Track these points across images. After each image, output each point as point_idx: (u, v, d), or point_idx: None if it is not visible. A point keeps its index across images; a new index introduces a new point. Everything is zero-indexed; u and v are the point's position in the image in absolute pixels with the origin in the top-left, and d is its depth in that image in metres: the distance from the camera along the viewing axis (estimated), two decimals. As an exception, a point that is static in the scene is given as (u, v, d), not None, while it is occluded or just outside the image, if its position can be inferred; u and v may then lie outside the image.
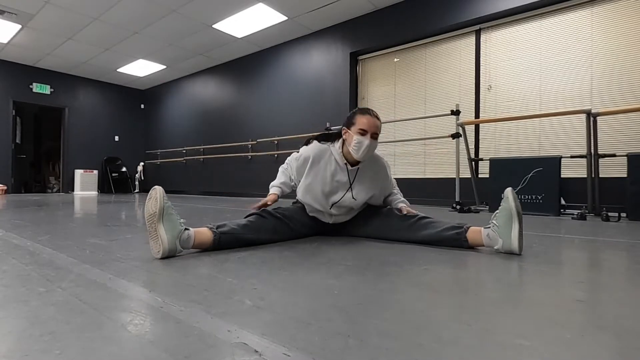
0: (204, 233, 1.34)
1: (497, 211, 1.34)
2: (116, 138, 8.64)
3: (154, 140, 8.79)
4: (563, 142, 3.67)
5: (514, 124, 3.96)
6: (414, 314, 0.73)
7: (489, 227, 1.37)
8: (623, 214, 2.88)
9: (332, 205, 1.64)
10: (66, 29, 5.53)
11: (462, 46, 4.38)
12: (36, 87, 7.39)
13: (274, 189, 1.70)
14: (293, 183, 1.74)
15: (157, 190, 1.24)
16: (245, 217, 1.52)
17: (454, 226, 1.47)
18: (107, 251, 1.36)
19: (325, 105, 5.40)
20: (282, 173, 1.76)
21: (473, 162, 3.85)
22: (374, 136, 1.54)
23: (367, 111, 1.56)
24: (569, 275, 1.06)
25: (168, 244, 1.21)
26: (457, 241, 1.44)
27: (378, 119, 1.57)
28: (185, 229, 1.28)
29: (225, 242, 1.38)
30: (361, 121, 1.53)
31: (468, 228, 1.44)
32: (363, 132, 1.52)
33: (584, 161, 3.40)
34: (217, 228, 1.38)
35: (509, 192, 1.32)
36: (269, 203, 1.62)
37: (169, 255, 1.24)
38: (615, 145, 3.38)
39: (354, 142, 1.52)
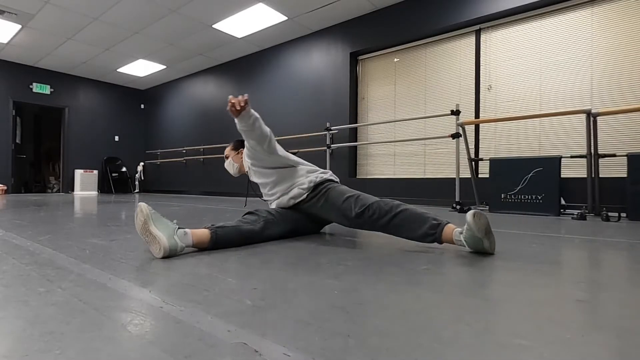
0: (201, 231, 1.36)
1: (464, 231, 1.31)
2: (116, 138, 8.64)
3: (154, 140, 8.79)
4: (563, 142, 3.67)
5: (514, 124, 3.96)
6: (414, 314, 0.73)
7: (460, 236, 1.32)
8: (623, 214, 2.88)
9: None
10: (66, 29, 5.54)
11: (462, 46, 4.38)
12: (36, 87, 7.39)
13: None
14: (268, 138, 1.69)
15: (141, 205, 1.27)
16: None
17: (427, 233, 1.40)
18: (107, 251, 1.36)
19: (325, 105, 5.40)
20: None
21: (473, 162, 3.84)
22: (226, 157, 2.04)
23: None
24: (569, 275, 1.06)
25: (167, 240, 1.23)
26: (431, 242, 1.42)
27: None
28: (179, 227, 1.30)
29: (223, 236, 1.40)
30: None
31: (442, 231, 1.38)
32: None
33: (584, 161, 3.40)
34: (212, 226, 1.42)
35: (471, 221, 1.26)
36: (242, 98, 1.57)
37: (171, 254, 1.24)
38: (615, 145, 3.38)
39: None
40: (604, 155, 3.09)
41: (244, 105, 1.52)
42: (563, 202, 3.20)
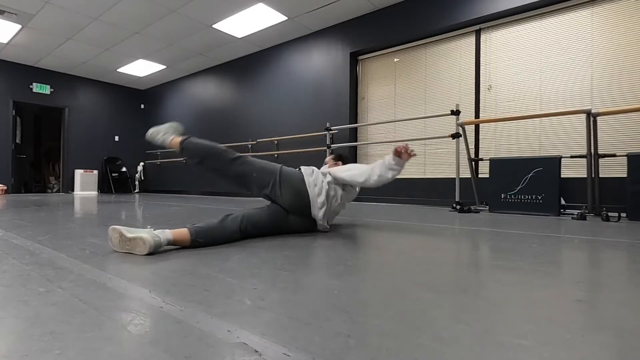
0: (180, 229, 1.41)
1: None
2: (116, 138, 8.64)
3: (154, 140, 8.78)
4: (563, 142, 3.67)
5: (514, 124, 3.96)
6: (414, 314, 0.73)
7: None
8: (623, 214, 2.88)
9: None
10: (66, 29, 5.53)
11: (462, 46, 4.38)
12: (36, 87, 7.39)
13: None
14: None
15: (110, 227, 1.36)
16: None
17: None
18: (107, 251, 1.36)
19: (325, 105, 5.40)
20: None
21: (473, 162, 3.84)
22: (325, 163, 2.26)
23: None
24: (569, 275, 1.06)
25: (148, 234, 1.27)
26: None
27: None
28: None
29: (202, 228, 1.45)
30: None
31: None
32: None
33: (584, 161, 3.40)
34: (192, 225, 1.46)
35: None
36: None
37: (156, 248, 1.28)
38: (615, 145, 3.38)
39: None
40: (604, 155, 3.09)
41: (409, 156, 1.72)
42: (563, 202, 3.20)
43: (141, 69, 7.37)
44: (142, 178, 8.49)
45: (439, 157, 4.50)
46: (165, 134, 1.76)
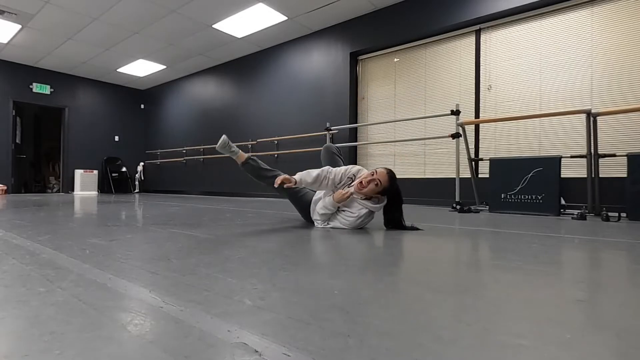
0: (243, 154, 2.21)
1: None
2: (116, 138, 8.64)
3: (154, 140, 8.79)
4: (563, 142, 3.67)
5: (514, 124, 3.96)
6: (414, 314, 0.73)
7: None
8: (623, 214, 2.88)
9: None
10: (66, 29, 5.54)
11: (462, 46, 4.38)
12: (36, 87, 7.39)
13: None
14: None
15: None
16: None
17: None
18: (107, 251, 1.36)
19: (325, 105, 5.40)
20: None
21: (473, 162, 3.84)
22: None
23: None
24: (569, 275, 1.06)
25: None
26: None
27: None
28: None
29: (254, 159, 2.23)
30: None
31: None
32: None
33: (584, 161, 3.40)
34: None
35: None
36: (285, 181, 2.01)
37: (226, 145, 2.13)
38: (615, 145, 3.38)
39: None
40: (604, 155, 3.09)
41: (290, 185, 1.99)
42: (563, 202, 3.20)
43: (141, 69, 7.37)
44: (142, 178, 8.49)
45: (439, 157, 4.50)
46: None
